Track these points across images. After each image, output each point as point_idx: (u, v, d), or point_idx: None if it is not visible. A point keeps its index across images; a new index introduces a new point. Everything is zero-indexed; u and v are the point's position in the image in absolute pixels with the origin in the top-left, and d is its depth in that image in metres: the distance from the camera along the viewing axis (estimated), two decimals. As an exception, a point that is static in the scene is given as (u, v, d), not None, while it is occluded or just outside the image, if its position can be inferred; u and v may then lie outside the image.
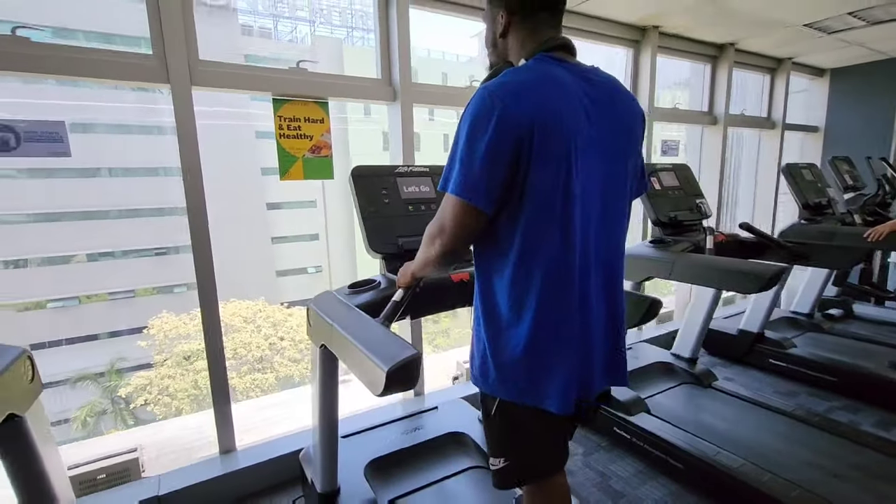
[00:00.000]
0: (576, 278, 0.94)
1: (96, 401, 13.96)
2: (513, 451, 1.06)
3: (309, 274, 21.72)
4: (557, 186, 0.89)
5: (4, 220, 15.36)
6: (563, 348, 0.95)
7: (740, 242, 2.22)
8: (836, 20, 3.10)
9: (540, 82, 0.90)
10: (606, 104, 0.96)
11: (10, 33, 1.62)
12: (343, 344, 1.05)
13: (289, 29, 24.04)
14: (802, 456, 1.94)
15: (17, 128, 1.66)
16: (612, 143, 0.97)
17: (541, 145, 0.86)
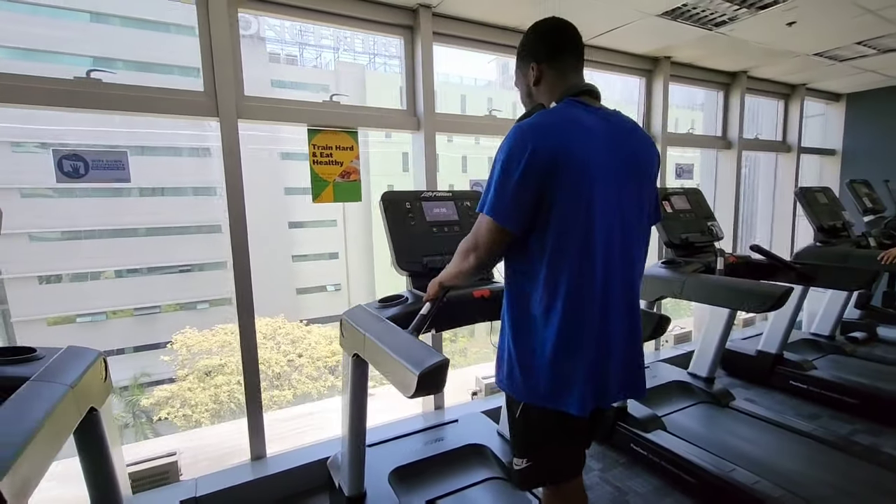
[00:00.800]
0: (597, 296, 1.05)
1: (119, 415, 14.27)
2: (535, 452, 1.15)
3: (328, 292, 22.03)
4: (579, 213, 1.02)
5: (39, 237, 16.13)
6: (583, 358, 1.05)
7: (751, 264, 2.29)
8: (846, 49, 3.19)
9: (565, 123, 1.04)
10: (624, 144, 1.10)
11: (85, 76, 1.84)
12: (376, 352, 1.18)
13: (314, 56, 25.03)
14: (817, 475, 1.96)
15: (85, 157, 1.87)
16: (629, 178, 1.10)
17: (565, 177, 1.00)
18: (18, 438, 0.70)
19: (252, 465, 2.14)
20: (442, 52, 2.60)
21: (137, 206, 17.06)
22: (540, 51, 1.15)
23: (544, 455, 1.15)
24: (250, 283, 2.11)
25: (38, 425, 0.76)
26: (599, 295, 1.05)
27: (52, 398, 0.85)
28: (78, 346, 1.12)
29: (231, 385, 12.43)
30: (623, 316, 1.10)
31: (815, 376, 2.95)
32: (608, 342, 1.07)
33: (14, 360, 1.00)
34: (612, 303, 1.07)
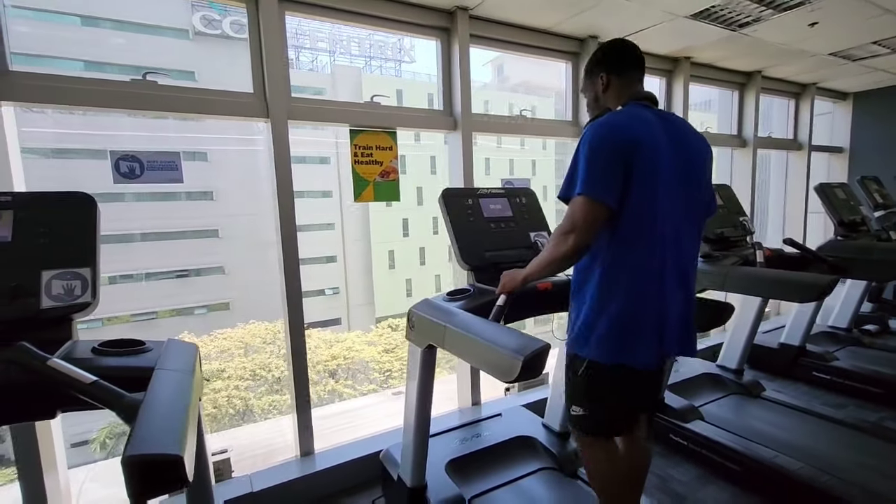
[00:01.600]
0: (658, 269, 1.19)
1: (116, 423, 14.14)
2: (593, 402, 1.28)
3: (326, 296, 22.01)
4: (647, 195, 1.16)
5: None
6: (647, 322, 1.19)
7: (784, 257, 2.35)
8: (860, 49, 3.28)
9: (635, 120, 1.21)
10: (683, 141, 1.26)
11: (142, 78, 1.87)
12: (462, 341, 1.22)
13: (309, 59, 25.06)
14: (857, 459, 2.02)
15: (141, 158, 1.90)
16: (688, 171, 1.25)
17: (639, 162, 1.14)
18: (181, 417, 0.74)
19: (301, 461, 2.17)
20: (423, 48, 2.64)
21: (130, 211, 16.90)
22: (608, 64, 1.31)
23: (601, 406, 1.28)
24: (299, 283, 2.14)
25: (187, 408, 0.79)
26: (660, 268, 1.19)
27: (185, 386, 0.88)
28: (176, 339, 1.16)
29: (229, 390, 12.38)
30: (679, 286, 1.24)
31: (838, 367, 3.02)
32: (666, 308, 1.21)
33: (136, 351, 1.04)
34: (670, 274, 1.21)
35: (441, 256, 22.55)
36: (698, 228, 1.32)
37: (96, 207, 1.17)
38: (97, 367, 0.90)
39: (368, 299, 22.72)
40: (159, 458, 0.64)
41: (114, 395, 0.83)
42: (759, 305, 2.61)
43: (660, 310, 1.19)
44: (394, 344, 14.87)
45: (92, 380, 0.84)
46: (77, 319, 1.09)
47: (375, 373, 14.26)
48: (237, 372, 12.79)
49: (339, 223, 22.49)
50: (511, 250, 1.67)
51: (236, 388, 12.52)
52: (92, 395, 0.83)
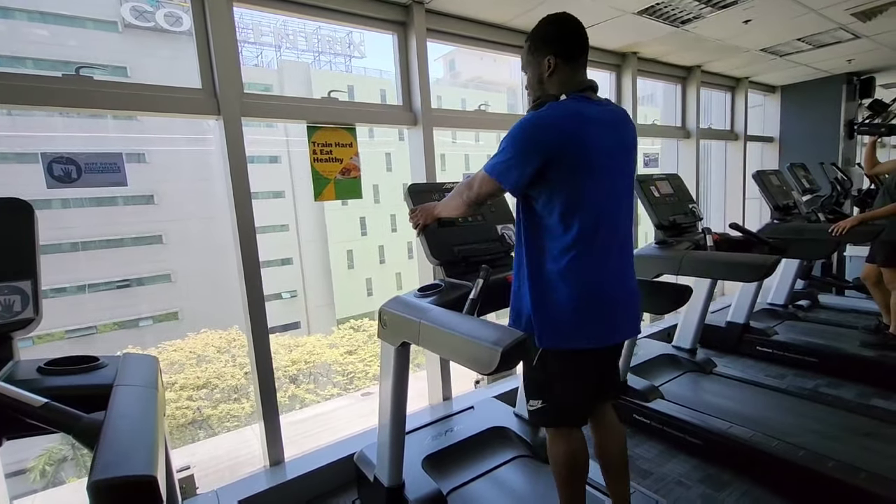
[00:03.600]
0: (599, 251, 1.24)
1: (55, 448, 13.12)
2: (549, 392, 1.32)
3: (283, 299, 21.36)
4: (581, 185, 1.22)
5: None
6: (591, 303, 1.24)
7: (731, 240, 2.51)
8: (787, 45, 3.54)
9: (570, 116, 1.23)
10: (617, 127, 1.30)
11: (75, 73, 1.73)
12: (438, 336, 1.21)
13: (254, 54, 24.08)
14: (801, 424, 2.19)
15: (78, 160, 1.75)
16: (621, 153, 1.30)
17: (568, 157, 1.20)
18: (149, 435, 0.69)
19: (271, 471, 2.09)
20: (373, 43, 2.60)
21: (57, 218, 15.53)
22: (558, 47, 1.28)
23: (557, 394, 1.32)
24: (261, 288, 2.05)
25: (154, 425, 0.74)
26: (601, 250, 1.24)
27: (149, 402, 0.82)
28: (133, 353, 1.07)
29: (181, 401, 11.80)
30: (621, 266, 1.30)
31: (778, 341, 3.26)
32: (611, 290, 1.27)
33: (89, 368, 0.95)
34: (612, 256, 1.27)
35: (401, 254, 22.40)
36: (631, 214, 1.38)
37: (34, 214, 1.06)
38: (46, 388, 0.82)
39: (328, 301, 22.24)
40: (132, 480, 0.59)
41: (69, 416, 0.76)
42: (709, 287, 2.78)
43: (601, 295, 1.24)
44: (356, 345, 14.64)
45: (42, 402, 0.76)
46: (18, 338, 0.99)
47: (339, 376, 14.01)
48: (190, 382, 12.20)
49: (294, 224, 21.83)
50: (479, 244, 1.68)
51: (189, 399, 11.95)
52: (44, 419, 0.76)
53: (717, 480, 2.04)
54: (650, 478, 2.09)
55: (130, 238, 16.95)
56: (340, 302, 21.87)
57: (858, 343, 3.08)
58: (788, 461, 1.89)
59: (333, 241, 22.36)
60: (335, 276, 22.32)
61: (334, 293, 22.18)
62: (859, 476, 1.75)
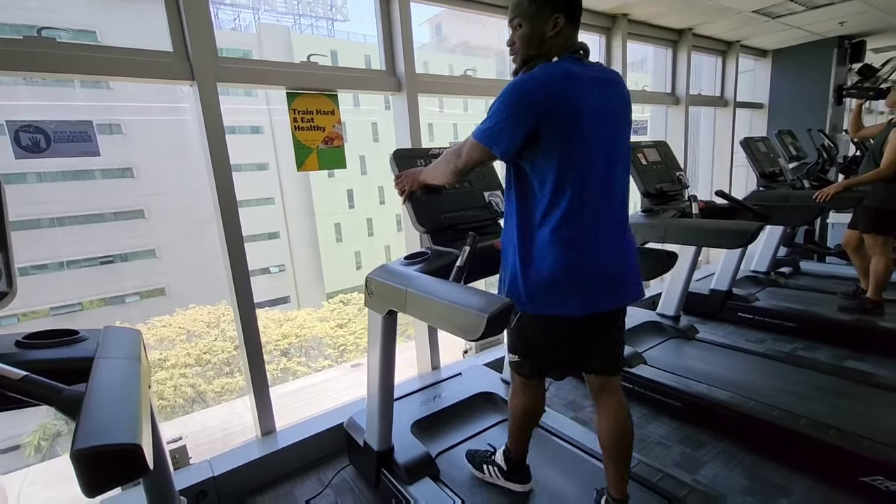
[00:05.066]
0: (589, 218, 1.21)
1: (49, 423, 13.19)
2: (526, 351, 1.39)
3: (271, 274, 21.24)
4: (572, 149, 1.18)
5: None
6: (579, 274, 1.22)
7: (716, 207, 2.52)
8: (780, 6, 3.47)
9: (562, 77, 1.18)
10: (608, 89, 1.26)
11: (36, 35, 1.63)
12: (424, 304, 1.21)
13: (231, 17, 23.05)
14: (777, 385, 2.27)
15: (46, 129, 1.68)
16: (614, 117, 1.27)
17: (558, 121, 1.16)
18: (133, 405, 0.68)
19: (262, 440, 2.12)
20: (357, 5, 2.48)
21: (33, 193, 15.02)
22: (567, 4, 1.22)
23: (533, 355, 1.38)
24: (244, 257, 2.02)
25: (138, 395, 0.73)
26: (593, 218, 1.22)
27: (132, 374, 0.81)
28: (114, 325, 1.06)
29: (175, 379, 11.85)
30: (615, 233, 1.27)
31: (759, 307, 3.35)
32: (601, 259, 1.24)
33: (69, 342, 0.93)
34: (605, 223, 1.25)
35: (389, 227, 22.26)
36: (627, 179, 1.35)
37: (1, 188, 1.01)
38: (25, 362, 0.81)
39: (317, 275, 22.17)
40: (115, 449, 0.59)
41: (50, 389, 0.75)
42: (694, 255, 2.81)
43: (588, 264, 1.22)
44: (346, 318, 14.71)
45: (21, 375, 0.75)
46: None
47: (329, 349, 14.13)
48: (181, 359, 12.22)
49: (279, 197, 21.48)
50: (466, 211, 1.66)
51: (183, 377, 11.99)
52: (24, 392, 0.74)
53: (695, 440, 2.12)
54: (634, 439, 2.16)
55: (111, 213, 16.56)
56: (329, 276, 21.82)
57: (836, 308, 3.17)
58: (763, 420, 1.97)
59: (321, 214, 22.10)
60: (323, 250, 22.18)
61: (323, 267, 22.10)
62: (829, 433, 1.83)
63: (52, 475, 2.31)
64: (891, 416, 1.98)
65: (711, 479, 1.87)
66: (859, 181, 2.80)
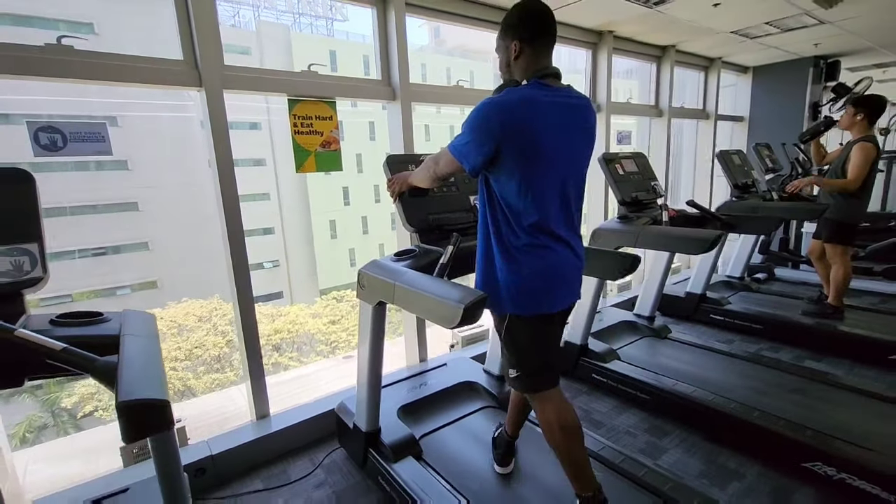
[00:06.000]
0: (550, 233, 1.35)
1: (34, 415, 13.15)
2: (520, 357, 1.43)
3: (266, 269, 21.25)
4: (532, 168, 1.30)
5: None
6: (549, 277, 1.37)
7: (687, 216, 2.70)
8: (756, 28, 3.67)
9: (524, 103, 1.28)
10: (574, 114, 1.36)
11: (56, 42, 1.76)
12: (410, 296, 1.36)
13: (230, 13, 23.05)
14: (738, 381, 2.46)
15: (63, 129, 1.81)
16: (574, 139, 1.37)
17: (517, 142, 1.28)
18: (159, 373, 0.83)
19: (257, 423, 2.26)
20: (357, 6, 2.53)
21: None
22: (523, 31, 1.35)
23: (534, 359, 1.42)
24: (244, 246, 2.16)
25: (161, 367, 0.88)
26: (551, 229, 1.35)
27: (155, 349, 0.96)
28: (133, 310, 1.20)
29: (167, 372, 11.87)
30: (570, 241, 1.41)
31: (730, 310, 3.54)
32: (566, 261, 1.39)
33: (95, 321, 1.08)
34: (561, 234, 1.38)
35: (384, 225, 22.36)
36: (581, 195, 1.47)
37: (35, 182, 1.15)
38: (61, 337, 0.94)
39: (311, 271, 22.21)
40: (151, 402, 0.73)
41: (86, 359, 0.89)
42: (667, 260, 2.99)
43: (548, 270, 1.35)
44: (339, 315, 14.77)
45: (62, 346, 0.89)
46: (28, 294, 1.10)
47: (322, 345, 14.20)
48: (171, 353, 12.23)
49: (275, 193, 21.50)
50: (452, 213, 1.82)
51: (173, 370, 12.01)
52: (64, 361, 0.89)
53: (660, 430, 2.30)
54: (603, 428, 2.33)
55: (104, 205, 16.53)
56: (323, 272, 21.88)
57: (800, 312, 3.36)
58: (721, 412, 2.14)
59: (316, 211, 22.15)
60: (318, 247, 22.24)
61: (317, 263, 22.16)
62: (778, 424, 2.01)
63: (53, 455, 2.43)
64: (836, 409, 2.17)
65: (672, 464, 2.04)
66: (828, 183, 3.04)
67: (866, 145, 2.90)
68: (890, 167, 6.99)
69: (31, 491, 1.89)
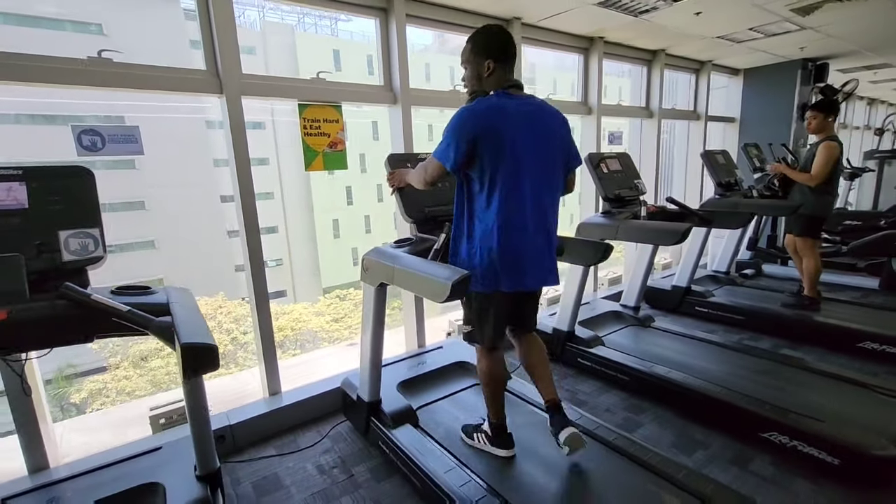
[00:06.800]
0: (517, 222, 1.57)
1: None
2: (476, 322, 1.75)
3: (269, 267, 21.41)
4: (503, 165, 1.53)
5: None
6: (511, 261, 1.60)
7: (666, 211, 2.91)
8: (741, 34, 3.86)
9: (493, 109, 1.55)
10: (536, 119, 1.61)
11: (97, 55, 1.99)
12: (407, 276, 1.58)
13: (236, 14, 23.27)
14: (712, 366, 2.66)
15: (102, 132, 2.04)
16: (542, 142, 1.61)
17: (489, 143, 1.52)
18: (207, 330, 1.05)
19: (270, 399, 2.49)
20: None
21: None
22: (496, 53, 1.62)
23: (481, 323, 1.73)
24: (258, 236, 2.39)
25: (207, 326, 1.10)
26: (520, 220, 1.57)
27: (199, 316, 1.18)
28: (172, 286, 1.43)
29: (170, 367, 12.13)
30: (538, 232, 1.62)
31: (714, 302, 3.74)
32: (528, 249, 1.61)
33: (145, 293, 1.31)
34: (532, 222, 1.59)
35: (387, 224, 22.58)
36: (557, 183, 1.71)
37: (94, 177, 1.38)
38: (124, 303, 1.17)
39: (314, 269, 22.47)
40: (207, 346, 0.95)
41: (146, 319, 1.11)
42: (651, 254, 3.20)
43: (520, 251, 1.58)
44: (342, 313, 15.01)
45: (127, 308, 1.11)
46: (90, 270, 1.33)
47: (325, 343, 14.44)
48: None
49: (279, 192, 21.77)
50: (446, 206, 2.03)
51: (178, 365, 12.25)
52: (128, 320, 1.11)
53: (637, 408, 2.51)
54: (585, 406, 2.54)
55: (110, 204, 16.84)
56: (326, 271, 22.13)
57: (780, 304, 3.56)
58: (691, 390, 2.35)
59: (319, 210, 22.39)
60: (321, 245, 22.49)
61: (320, 262, 22.42)
62: (741, 399, 2.22)
63: (84, 427, 2.69)
64: (800, 389, 2.37)
65: (646, 437, 2.25)
66: (793, 173, 3.37)
67: (830, 144, 3.14)
68: (881, 167, 7.17)
69: (70, 454, 2.14)
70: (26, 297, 1.15)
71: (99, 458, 1.96)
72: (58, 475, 1.80)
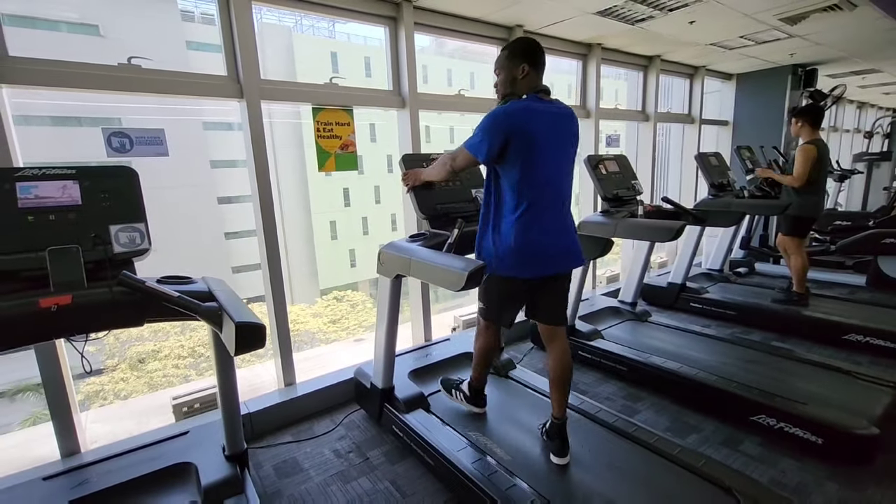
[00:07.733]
0: (543, 208, 1.72)
1: (39, 412, 13.46)
2: (489, 299, 1.91)
3: (267, 269, 21.47)
4: (530, 161, 1.68)
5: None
6: (532, 250, 1.73)
7: (662, 210, 3.05)
8: (732, 41, 4.02)
9: (525, 111, 1.70)
10: (560, 122, 1.77)
11: (127, 62, 2.11)
12: (423, 268, 1.71)
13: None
14: (706, 357, 2.80)
15: (130, 134, 2.16)
16: (562, 141, 1.78)
17: (520, 140, 1.67)
18: (250, 311, 1.17)
19: (285, 390, 2.61)
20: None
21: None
22: (530, 59, 1.77)
23: (495, 303, 1.91)
24: (276, 237, 2.52)
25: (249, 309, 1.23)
26: (544, 207, 1.71)
27: (239, 300, 1.31)
28: (210, 276, 1.55)
29: (167, 369, 12.17)
30: (560, 221, 1.79)
31: (708, 298, 3.89)
32: (547, 239, 1.74)
33: (187, 282, 1.44)
34: (552, 212, 1.75)
35: (385, 226, 22.69)
36: (570, 185, 1.86)
37: (139, 176, 1.50)
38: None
39: (311, 271, 22.50)
40: (256, 324, 1.08)
41: (194, 304, 1.23)
42: (647, 250, 3.34)
43: (536, 243, 1.71)
44: (340, 315, 15.08)
45: (177, 294, 1.23)
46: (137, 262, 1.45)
47: (322, 344, 14.53)
48: (174, 351, 12.52)
49: (276, 194, 21.75)
50: (456, 203, 2.17)
51: (175, 367, 12.30)
52: (178, 304, 1.23)
53: (635, 396, 2.65)
54: (587, 395, 2.67)
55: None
56: (324, 272, 22.17)
57: (770, 299, 3.71)
58: (686, 378, 2.49)
59: (316, 212, 22.44)
60: (318, 247, 22.54)
61: (317, 264, 22.47)
62: (732, 386, 2.36)
63: (105, 417, 2.80)
64: (786, 376, 2.52)
65: (644, 421, 2.38)
66: (775, 176, 3.61)
67: (806, 147, 3.33)
68: (870, 169, 7.36)
69: (97, 441, 2.25)
70: (84, 285, 1.27)
71: (128, 443, 2.07)
72: (91, 458, 1.91)
